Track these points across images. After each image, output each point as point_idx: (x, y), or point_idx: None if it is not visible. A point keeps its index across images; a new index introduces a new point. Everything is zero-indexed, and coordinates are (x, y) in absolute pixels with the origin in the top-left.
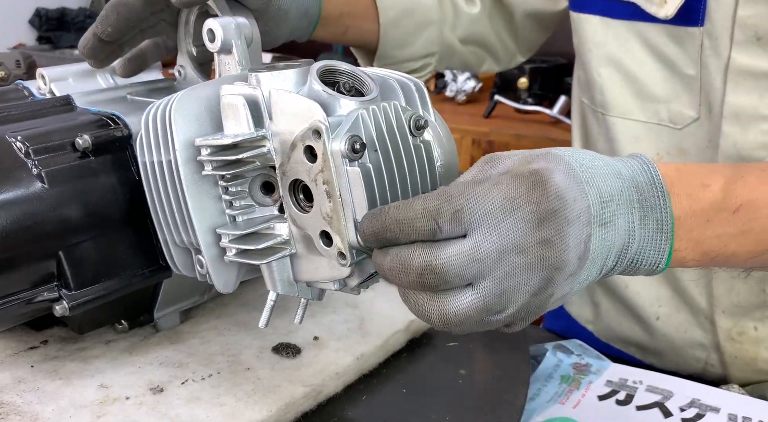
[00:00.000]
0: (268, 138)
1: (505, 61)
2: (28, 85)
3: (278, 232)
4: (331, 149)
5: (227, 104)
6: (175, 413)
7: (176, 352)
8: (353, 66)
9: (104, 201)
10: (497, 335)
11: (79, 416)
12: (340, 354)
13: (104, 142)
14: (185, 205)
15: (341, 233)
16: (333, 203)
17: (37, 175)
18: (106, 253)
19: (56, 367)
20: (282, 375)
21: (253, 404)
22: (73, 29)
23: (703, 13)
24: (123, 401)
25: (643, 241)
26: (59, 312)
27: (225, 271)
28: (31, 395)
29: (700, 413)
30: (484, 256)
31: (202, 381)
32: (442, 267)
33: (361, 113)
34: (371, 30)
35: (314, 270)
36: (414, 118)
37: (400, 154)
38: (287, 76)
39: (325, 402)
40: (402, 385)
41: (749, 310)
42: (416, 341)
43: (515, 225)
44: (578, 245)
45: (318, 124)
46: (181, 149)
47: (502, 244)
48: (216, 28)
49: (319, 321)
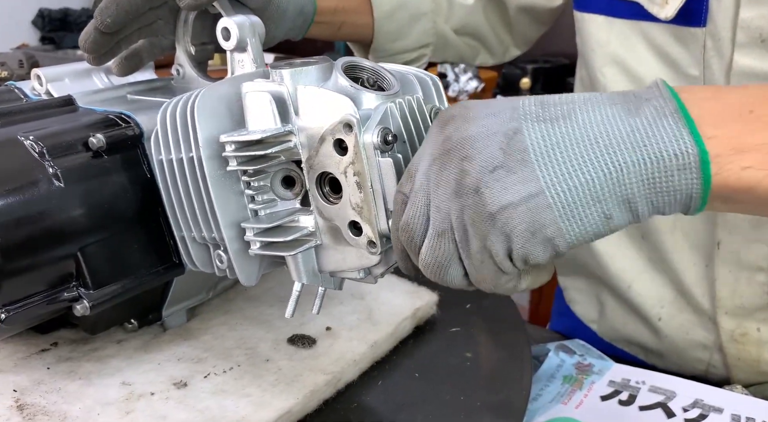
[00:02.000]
0: (294, 133)
1: (500, 54)
2: (21, 85)
3: (303, 224)
4: (363, 141)
5: (253, 100)
6: (204, 405)
7: (192, 348)
8: (374, 62)
9: (118, 199)
10: (496, 318)
11: (108, 413)
12: (354, 343)
13: (117, 141)
14: (209, 200)
15: (372, 222)
16: (364, 194)
17: (53, 174)
18: (122, 251)
19: (73, 368)
20: (302, 364)
21: (279, 393)
22: (76, 29)
23: (705, 14)
24: (148, 397)
25: (645, 127)
26: (80, 312)
27: (248, 265)
28: (55, 395)
29: (703, 413)
30: (414, 175)
31: (224, 374)
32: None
33: (390, 106)
34: (366, 24)
35: (341, 260)
36: (434, 110)
37: None
38: (309, 72)
39: (343, 389)
40: (413, 370)
41: (752, 311)
42: (421, 328)
43: (427, 144)
44: (491, 136)
45: (350, 118)
46: (205, 145)
47: (424, 160)
48: (231, 26)
49: (329, 312)
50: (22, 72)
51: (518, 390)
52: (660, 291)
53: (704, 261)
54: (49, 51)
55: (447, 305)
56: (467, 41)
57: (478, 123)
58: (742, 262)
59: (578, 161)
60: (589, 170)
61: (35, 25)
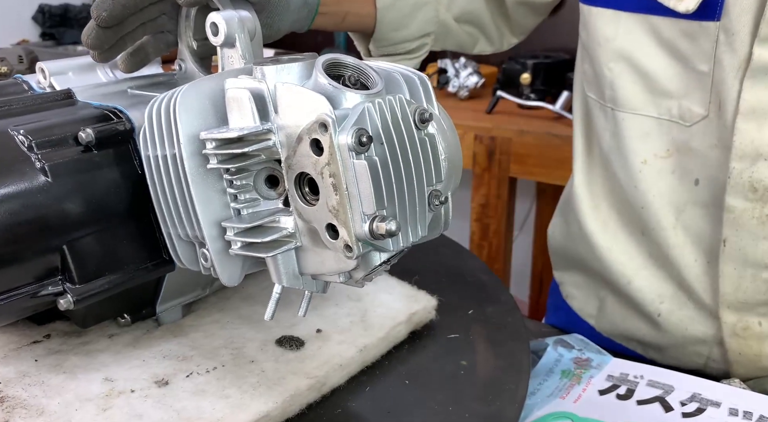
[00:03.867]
0: (273, 131)
1: (498, 43)
2: (27, 78)
3: (284, 225)
4: (338, 142)
5: (232, 97)
6: (181, 405)
7: (180, 346)
8: (358, 60)
9: (107, 194)
10: (498, 326)
11: (85, 409)
12: (343, 347)
13: (107, 136)
14: (190, 198)
15: (348, 226)
16: (339, 196)
17: (40, 168)
18: (110, 247)
19: (60, 361)
20: (286, 367)
21: (258, 396)
22: (77, 25)
23: (721, 8)
24: (128, 394)
25: None
26: (64, 306)
27: (230, 264)
28: (37, 389)
29: (701, 407)
30: None
31: (207, 373)
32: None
33: (368, 106)
34: (368, 14)
35: (320, 263)
36: (419, 111)
37: (405, 146)
38: (292, 69)
39: (329, 393)
40: (404, 376)
41: (755, 306)
42: (417, 333)
43: None
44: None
45: (324, 117)
46: (186, 142)
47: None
48: (219, 21)
49: (322, 313)
50: (22, 67)
51: (511, 401)
52: (660, 286)
53: (707, 257)
54: (49, 47)
55: (448, 310)
56: (467, 29)
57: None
58: (748, 259)
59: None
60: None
61: (35, 21)
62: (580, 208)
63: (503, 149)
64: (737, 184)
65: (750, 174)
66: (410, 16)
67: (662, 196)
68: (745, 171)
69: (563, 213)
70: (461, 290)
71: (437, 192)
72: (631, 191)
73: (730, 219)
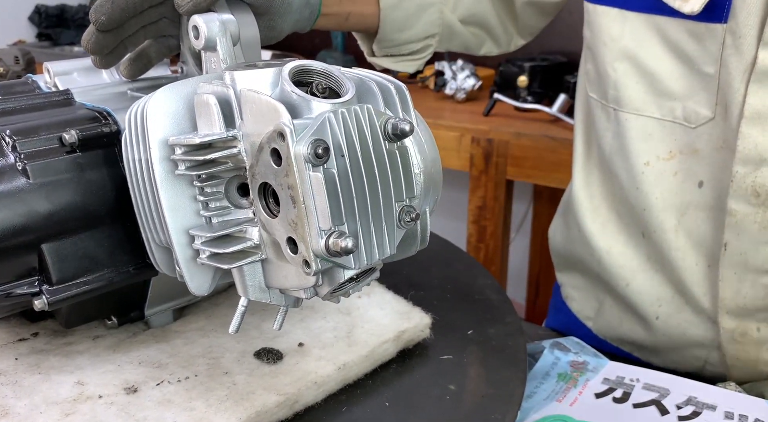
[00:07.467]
0: (239, 139)
1: (505, 44)
2: (37, 78)
3: (249, 236)
4: (294, 153)
5: (199, 102)
6: (143, 415)
7: (159, 352)
8: (330, 66)
9: (90, 197)
10: (496, 349)
11: (49, 413)
12: (321, 363)
13: (92, 138)
14: (159, 203)
15: (306, 241)
16: (297, 209)
17: (21, 169)
18: (90, 249)
19: (39, 361)
20: (258, 381)
21: (223, 410)
22: (73, 26)
23: (728, 10)
24: (95, 400)
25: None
26: (38, 307)
27: (199, 273)
28: (8, 389)
29: (696, 410)
30: None
31: (178, 383)
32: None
33: (329, 116)
34: (372, 14)
35: (284, 277)
36: (390, 122)
37: (370, 160)
38: (264, 75)
39: (302, 411)
40: (386, 398)
41: (754, 311)
42: (408, 352)
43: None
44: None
45: (282, 126)
46: (156, 147)
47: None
48: (200, 24)
49: (309, 326)
50: (18, 68)
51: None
52: (658, 289)
53: (707, 261)
54: (45, 47)
55: (444, 329)
56: (473, 31)
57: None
58: (749, 265)
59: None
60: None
61: (32, 22)
62: (580, 210)
63: (500, 151)
64: (740, 188)
65: (753, 178)
66: (414, 17)
67: (664, 199)
68: (749, 175)
69: (563, 214)
70: (465, 308)
71: (409, 208)
72: (633, 193)
73: (732, 224)
